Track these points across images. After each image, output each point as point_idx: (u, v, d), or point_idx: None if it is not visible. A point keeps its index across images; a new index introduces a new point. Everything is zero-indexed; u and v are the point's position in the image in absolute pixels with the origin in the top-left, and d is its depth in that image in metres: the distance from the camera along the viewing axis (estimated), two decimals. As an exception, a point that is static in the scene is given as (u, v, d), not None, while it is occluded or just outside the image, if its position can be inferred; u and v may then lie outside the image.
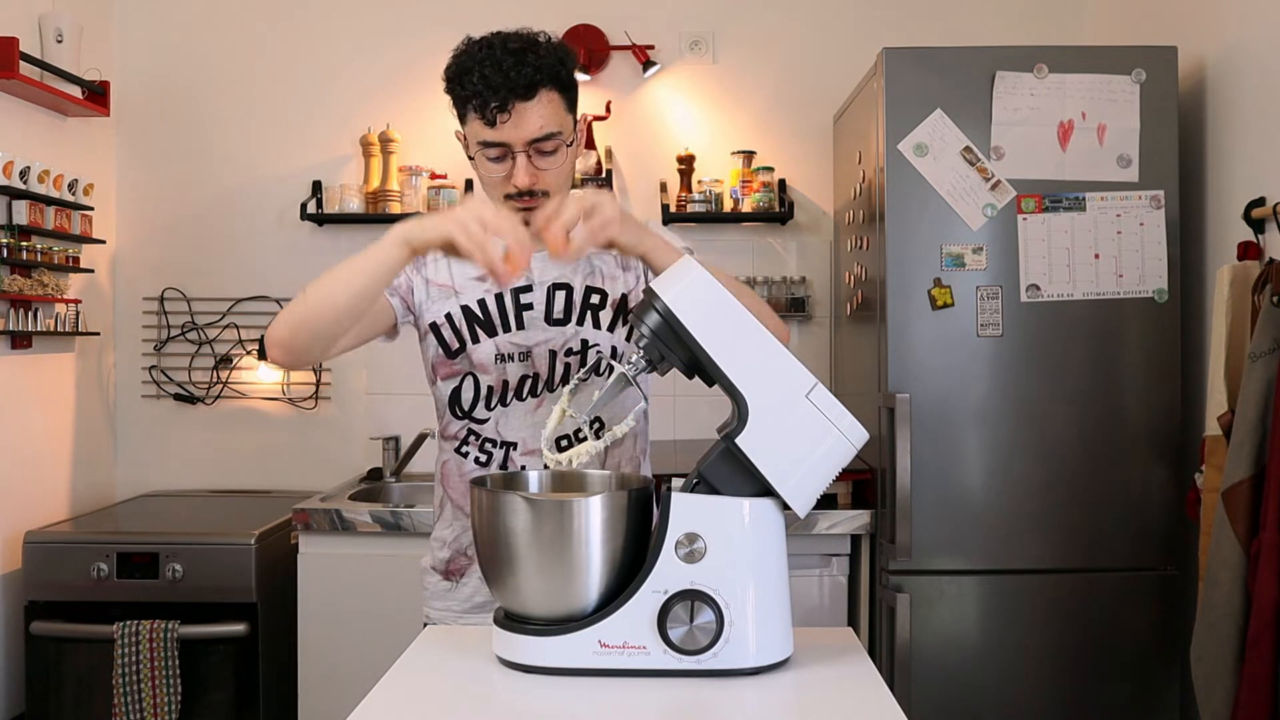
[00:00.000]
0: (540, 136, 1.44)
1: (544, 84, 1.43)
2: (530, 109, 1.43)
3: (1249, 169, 2.22)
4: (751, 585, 1.19)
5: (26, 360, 2.74)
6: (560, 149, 1.47)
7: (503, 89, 1.41)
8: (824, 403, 1.19)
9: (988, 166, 2.32)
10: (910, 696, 2.31)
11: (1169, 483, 2.34)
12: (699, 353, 1.19)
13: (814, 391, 1.19)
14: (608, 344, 1.55)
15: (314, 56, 3.15)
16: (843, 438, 1.20)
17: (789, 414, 1.19)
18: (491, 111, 1.42)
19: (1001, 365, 2.33)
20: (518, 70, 1.41)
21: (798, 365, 1.21)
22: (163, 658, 2.45)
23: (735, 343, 1.20)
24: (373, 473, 3.01)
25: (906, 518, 2.30)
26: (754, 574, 1.19)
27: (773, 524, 1.21)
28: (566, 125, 1.49)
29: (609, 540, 1.19)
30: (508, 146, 1.45)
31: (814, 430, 1.19)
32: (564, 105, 1.48)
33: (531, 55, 1.42)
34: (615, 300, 1.56)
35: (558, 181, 1.49)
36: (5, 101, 2.63)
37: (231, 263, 3.15)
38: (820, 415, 1.19)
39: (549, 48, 1.46)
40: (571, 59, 1.50)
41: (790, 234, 3.10)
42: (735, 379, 1.19)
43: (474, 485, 1.25)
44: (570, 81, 1.49)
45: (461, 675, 1.23)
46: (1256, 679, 1.86)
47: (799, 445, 1.19)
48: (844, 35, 3.09)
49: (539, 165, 1.46)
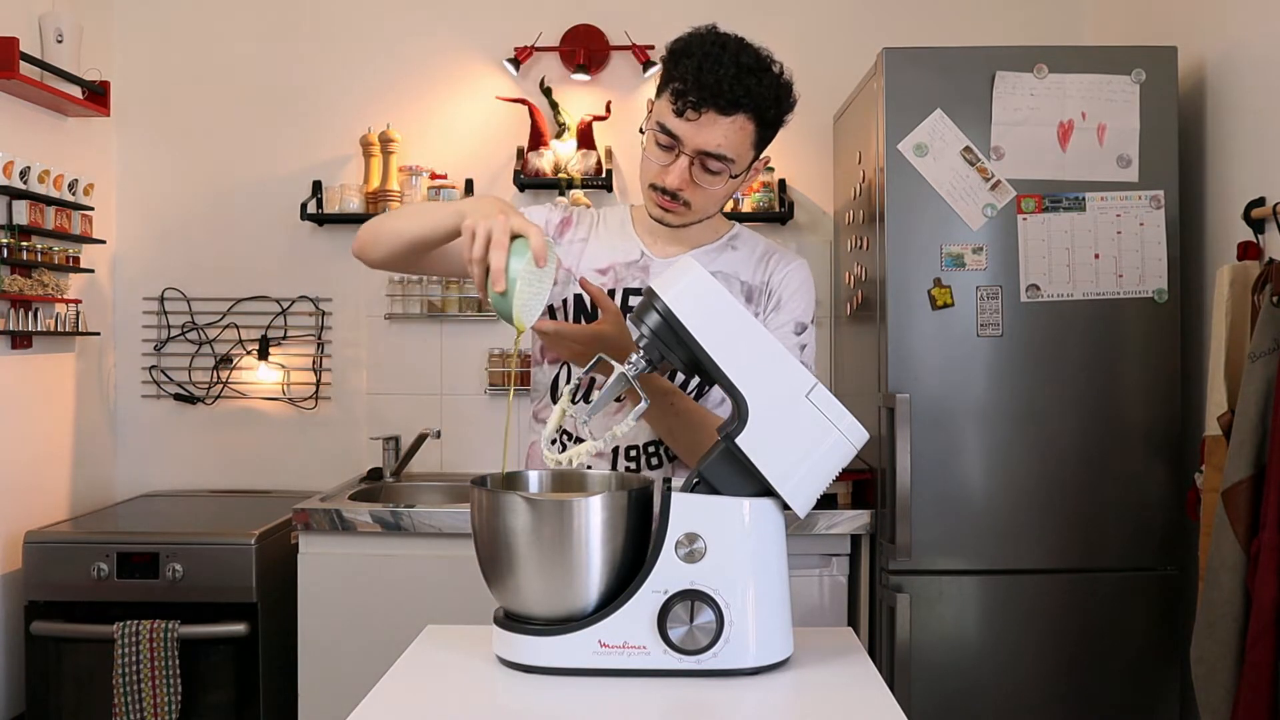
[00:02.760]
0: (713, 153, 1.39)
1: (746, 110, 1.38)
2: (720, 124, 1.37)
3: (1249, 169, 2.22)
4: (751, 585, 1.19)
5: (26, 360, 2.74)
6: (724, 174, 1.42)
7: (707, 91, 1.35)
8: (824, 403, 1.19)
9: (988, 166, 2.32)
10: (910, 696, 2.31)
11: (1169, 483, 2.34)
12: (699, 353, 1.19)
13: (814, 391, 1.19)
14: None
15: (314, 56, 3.15)
16: (843, 438, 1.20)
17: (789, 414, 1.19)
18: (685, 104, 1.37)
19: (1001, 365, 2.33)
20: (732, 83, 1.35)
21: (798, 365, 1.21)
22: (163, 658, 2.45)
23: (735, 343, 1.20)
24: (373, 473, 3.01)
25: (906, 518, 2.30)
26: (754, 574, 1.20)
27: (773, 524, 1.21)
28: (744, 157, 1.43)
29: (609, 540, 1.19)
30: (680, 143, 1.40)
31: (814, 430, 1.19)
32: (753, 138, 1.42)
33: (753, 79, 1.37)
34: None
35: (705, 202, 1.45)
36: (5, 101, 2.63)
37: (231, 263, 3.15)
38: (820, 415, 1.19)
39: (773, 80, 1.40)
40: (788, 102, 1.44)
41: (790, 234, 3.10)
42: (735, 379, 1.19)
43: (474, 485, 1.25)
44: (773, 120, 1.43)
45: (461, 675, 1.23)
46: (1256, 679, 1.86)
47: (799, 445, 1.19)
48: (844, 35, 3.09)
49: (697, 177, 1.42)
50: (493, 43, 3.11)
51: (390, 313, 3.12)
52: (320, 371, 3.14)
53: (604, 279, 1.52)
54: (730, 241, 1.56)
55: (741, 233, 1.59)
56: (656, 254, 1.53)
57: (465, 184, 3.08)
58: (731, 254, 1.54)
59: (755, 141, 1.43)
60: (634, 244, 1.54)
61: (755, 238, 1.60)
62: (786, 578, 1.23)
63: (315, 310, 3.14)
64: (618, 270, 1.52)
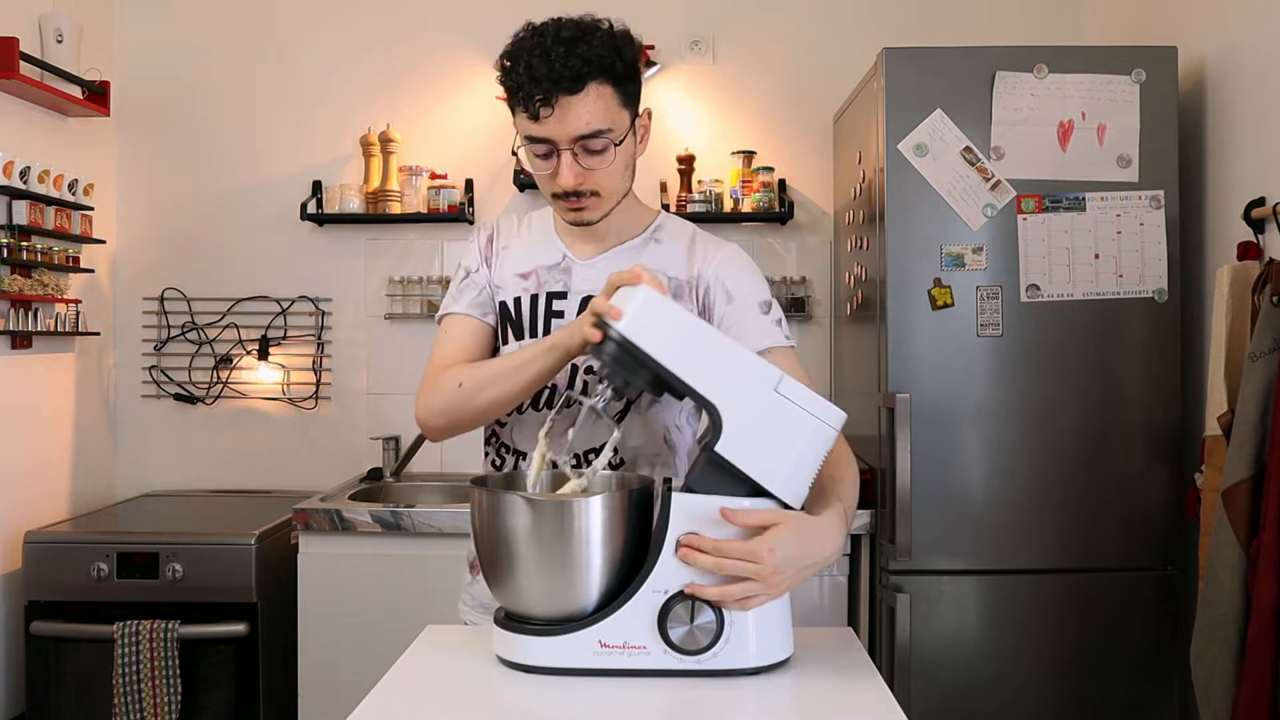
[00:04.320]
0: (587, 134, 1.33)
1: (593, 77, 1.31)
2: (576, 103, 1.31)
3: (1249, 169, 2.22)
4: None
5: (26, 360, 2.74)
6: (609, 148, 1.36)
7: (546, 81, 1.29)
8: (794, 393, 1.19)
9: (988, 166, 2.32)
10: (910, 696, 2.31)
11: (1169, 483, 2.34)
12: (661, 372, 1.19)
13: (781, 384, 1.19)
14: None
15: (314, 56, 3.15)
16: (820, 423, 1.19)
17: (762, 412, 1.18)
18: (535, 105, 1.31)
19: (1001, 365, 2.33)
20: (565, 62, 1.29)
21: (761, 362, 1.21)
22: (163, 658, 2.45)
23: (695, 355, 1.19)
24: (373, 473, 3.01)
25: (906, 518, 2.30)
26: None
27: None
28: (619, 122, 1.36)
29: (609, 540, 1.19)
30: (553, 143, 1.34)
31: (790, 422, 1.19)
32: (617, 100, 1.36)
33: (583, 45, 1.31)
34: None
35: (608, 182, 1.39)
36: (5, 101, 2.63)
37: (231, 263, 3.15)
38: (793, 406, 1.19)
39: (604, 36, 1.34)
40: (632, 49, 1.38)
41: (790, 234, 3.10)
42: (702, 390, 1.18)
43: (474, 485, 1.25)
44: (626, 74, 1.36)
45: (461, 675, 1.23)
46: (1256, 679, 1.86)
47: (778, 440, 1.19)
48: (844, 35, 3.09)
49: (585, 164, 1.36)
50: (493, 42, 3.08)
51: (390, 313, 3.12)
52: (320, 371, 3.14)
53: (526, 283, 1.49)
54: (654, 234, 1.52)
55: (665, 222, 1.54)
56: (578, 255, 1.49)
57: (465, 184, 3.08)
58: (656, 247, 1.50)
59: (621, 101, 1.37)
60: (556, 247, 1.50)
61: (682, 226, 1.54)
62: (786, 578, 1.23)
63: (315, 310, 3.14)
64: (539, 274, 1.49)
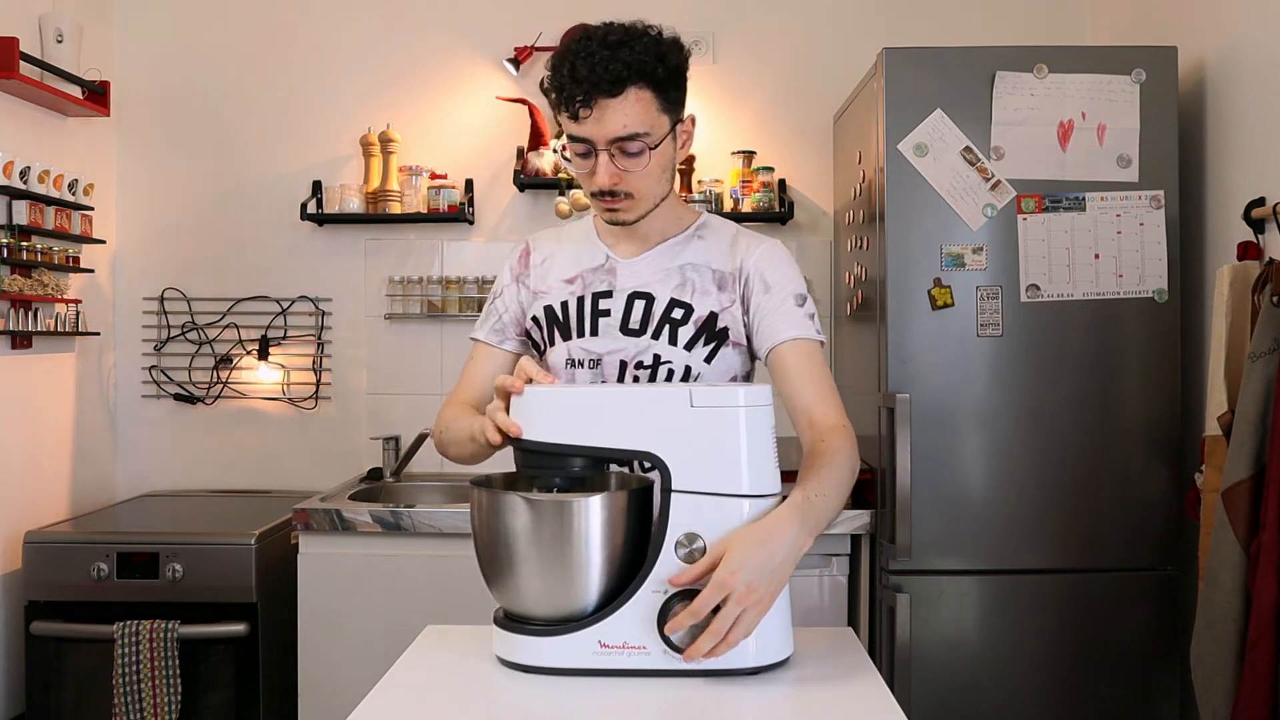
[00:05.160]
0: (624, 136, 1.36)
1: (633, 81, 1.35)
2: (615, 106, 1.35)
3: (1249, 169, 2.22)
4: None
5: (26, 360, 2.74)
6: (645, 151, 1.39)
7: (587, 83, 1.34)
8: (709, 399, 1.19)
9: (988, 166, 2.32)
10: (910, 696, 2.31)
11: (1169, 483, 2.34)
12: (585, 455, 1.21)
13: (694, 397, 1.19)
14: (682, 362, 1.46)
15: (314, 56, 3.15)
16: (750, 408, 1.20)
17: (693, 435, 1.19)
18: (575, 106, 1.36)
19: (1001, 365, 2.33)
20: (607, 65, 1.34)
21: (662, 389, 1.22)
22: (163, 658, 2.46)
23: (600, 423, 1.20)
24: (373, 473, 3.01)
25: (906, 518, 2.30)
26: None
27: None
28: (657, 126, 1.39)
29: (609, 540, 1.19)
30: (591, 143, 1.38)
31: (722, 427, 1.19)
32: (657, 105, 1.39)
33: (626, 50, 1.35)
34: (701, 318, 1.47)
35: (642, 184, 1.42)
36: (5, 101, 2.63)
37: (231, 263, 3.15)
38: (716, 410, 1.19)
39: (648, 42, 1.38)
40: (676, 55, 1.41)
41: (790, 234, 3.10)
42: (629, 446, 1.19)
43: (474, 485, 1.25)
44: (668, 80, 1.39)
45: (461, 675, 1.23)
46: (1256, 679, 1.86)
47: (724, 449, 1.19)
48: (844, 35, 3.09)
49: (621, 166, 1.39)
50: (493, 42, 3.11)
51: (390, 313, 3.12)
52: (320, 371, 3.14)
53: (572, 287, 1.53)
54: (698, 231, 1.54)
55: (710, 221, 1.57)
56: (620, 254, 1.53)
57: (465, 184, 3.08)
58: (700, 244, 1.53)
59: (661, 106, 1.40)
60: (599, 249, 1.54)
61: (725, 224, 1.57)
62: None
63: (315, 310, 3.14)
64: (585, 277, 1.53)
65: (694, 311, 1.48)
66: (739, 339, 1.49)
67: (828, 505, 1.27)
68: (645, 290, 1.49)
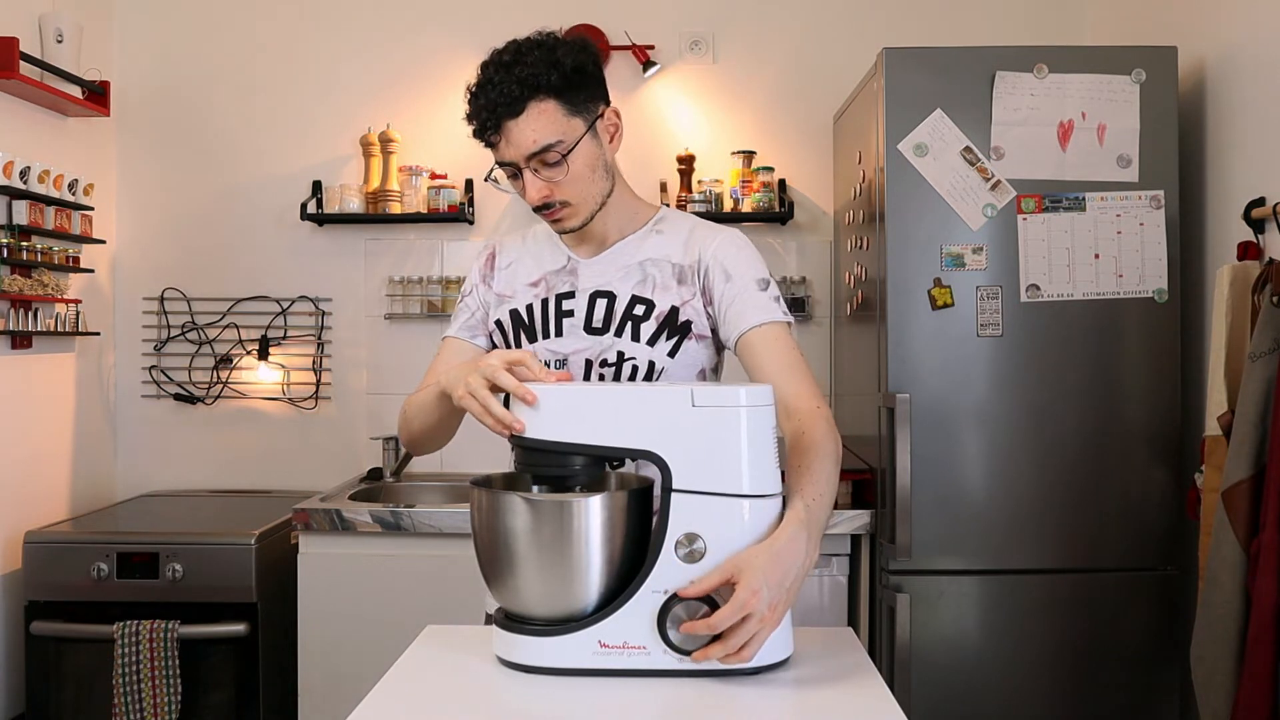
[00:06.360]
0: (536, 151, 1.38)
1: (530, 96, 1.36)
2: (519, 124, 1.37)
3: (1249, 169, 2.22)
4: (751, 585, 1.19)
5: (26, 360, 2.74)
6: (562, 160, 1.39)
7: (488, 109, 1.37)
8: (710, 398, 1.19)
9: (988, 166, 2.32)
10: (910, 696, 2.31)
11: (1169, 483, 2.34)
12: (588, 453, 1.20)
13: (695, 397, 1.19)
14: (645, 358, 1.47)
15: (314, 56, 3.15)
16: (751, 409, 1.19)
17: (695, 435, 1.18)
18: (487, 134, 1.39)
19: (1001, 365, 2.33)
20: (502, 88, 1.36)
21: (666, 389, 1.21)
22: (163, 658, 2.46)
23: (601, 421, 1.20)
24: (373, 473, 3.01)
25: (906, 518, 2.30)
26: (754, 574, 1.19)
27: (772, 523, 1.21)
28: (569, 131, 1.39)
29: (609, 540, 1.19)
30: (513, 165, 1.41)
31: (723, 426, 1.19)
32: (563, 111, 1.38)
33: (518, 68, 1.37)
34: (663, 313, 1.47)
35: (575, 190, 1.42)
36: (5, 101, 2.63)
37: (231, 263, 3.15)
38: (717, 409, 1.19)
39: (540, 54, 1.39)
40: (571, 56, 1.40)
41: (790, 234, 3.10)
42: (632, 445, 1.19)
43: (474, 485, 1.25)
44: (567, 85, 1.39)
45: (461, 675, 1.23)
46: (1256, 679, 1.86)
47: (725, 448, 1.19)
48: (844, 35, 3.09)
49: (546, 177, 1.40)
50: (492, 42, 3.05)
51: (390, 313, 3.12)
52: (320, 371, 3.14)
53: (536, 290, 1.54)
54: (656, 226, 1.54)
55: (667, 215, 1.57)
56: (581, 255, 1.54)
57: (465, 184, 3.08)
58: (658, 238, 1.53)
59: (568, 111, 1.39)
60: (560, 251, 1.55)
61: (683, 217, 1.58)
62: (786, 578, 1.23)
63: (315, 310, 3.14)
64: (548, 279, 1.54)
65: (655, 307, 1.48)
66: (703, 332, 1.49)
67: (825, 508, 1.28)
68: (607, 289, 1.50)
